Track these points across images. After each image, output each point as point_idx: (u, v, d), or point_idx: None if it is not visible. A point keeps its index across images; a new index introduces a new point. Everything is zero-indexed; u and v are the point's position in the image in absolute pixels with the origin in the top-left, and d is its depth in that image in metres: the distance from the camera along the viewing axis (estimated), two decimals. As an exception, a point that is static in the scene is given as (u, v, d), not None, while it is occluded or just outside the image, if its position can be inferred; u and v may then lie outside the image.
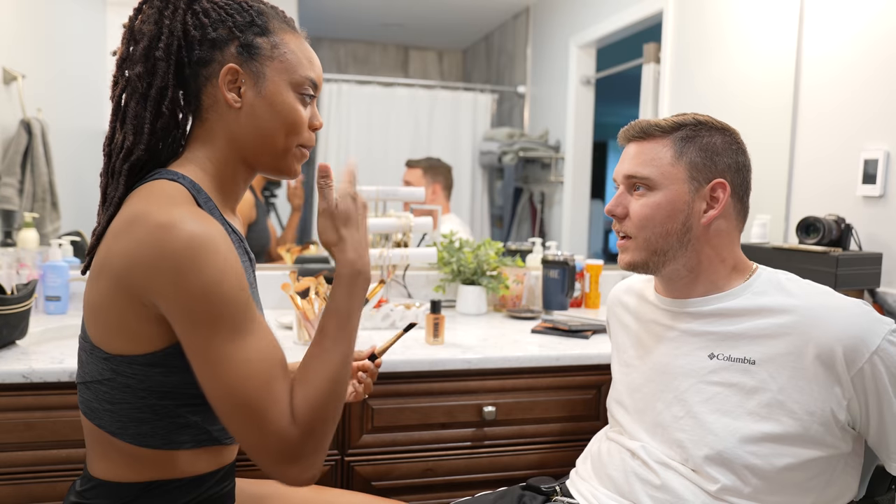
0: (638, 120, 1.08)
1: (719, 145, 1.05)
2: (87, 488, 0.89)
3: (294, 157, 0.93)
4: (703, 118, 1.06)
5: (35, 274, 1.72)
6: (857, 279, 1.68)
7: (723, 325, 1.04)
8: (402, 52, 3.32)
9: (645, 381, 1.10)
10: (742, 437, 0.97)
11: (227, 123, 0.89)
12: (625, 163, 1.08)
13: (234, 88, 0.88)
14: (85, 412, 0.89)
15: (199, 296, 0.76)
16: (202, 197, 0.88)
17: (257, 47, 0.88)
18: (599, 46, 2.90)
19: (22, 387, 1.25)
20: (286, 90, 0.89)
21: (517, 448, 1.51)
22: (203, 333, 0.78)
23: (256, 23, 0.89)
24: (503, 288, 1.98)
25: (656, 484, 1.03)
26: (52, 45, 2.08)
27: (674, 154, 1.04)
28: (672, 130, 1.04)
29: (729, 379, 1.00)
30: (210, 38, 0.87)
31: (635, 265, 1.08)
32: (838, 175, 1.87)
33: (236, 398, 0.78)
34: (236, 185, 0.94)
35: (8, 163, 1.83)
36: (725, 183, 1.03)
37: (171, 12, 0.87)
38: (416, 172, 2.71)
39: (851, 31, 1.83)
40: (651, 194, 1.04)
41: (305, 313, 1.54)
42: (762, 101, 2.09)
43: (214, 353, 0.78)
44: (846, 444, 0.99)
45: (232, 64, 0.87)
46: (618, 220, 1.08)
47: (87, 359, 0.87)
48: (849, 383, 0.95)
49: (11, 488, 1.25)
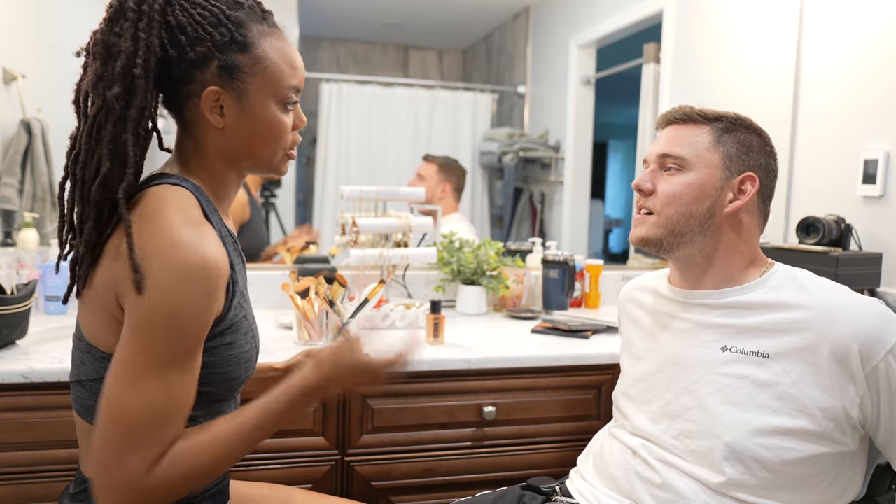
0: (681, 105, 1.10)
1: (755, 144, 1.07)
2: (79, 490, 0.89)
3: (282, 160, 0.94)
4: (743, 117, 1.09)
5: (35, 274, 1.72)
6: (857, 279, 1.68)
7: (737, 317, 1.04)
8: (402, 52, 3.32)
9: (654, 371, 1.11)
10: (752, 430, 0.97)
11: (213, 139, 0.89)
12: (660, 143, 1.09)
13: (216, 108, 0.87)
14: (79, 411, 0.89)
15: (161, 315, 0.76)
16: (205, 199, 0.88)
17: (238, 66, 0.85)
18: (599, 46, 2.90)
19: (22, 387, 1.25)
20: (269, 105, 0.89)
21: (517, 448, 1.51)
22: (140, 346, 0.77)
23: (236, 39, 0.85)
24: (503, 288, 1.98)
25: (657, 482, 1.03)
26: (52, 45, 2.08)
27: (712, 140, 1.06)
28: (714, 120, 1.07)
29: (741, 371, 1.00)
30: (189, 59, 0.84)
31: (648, 241, 1.07)
32: (838, 175, 1.87)
33: (122, 417, 0.76)
34: (228, 187, 0.94)
35: (8, 163, 1.83)
36: (755, 177, 1.05)
37: (146, 25, 0.82)
38: (432, 167, 2.71)
39: (851, 32, 1.83)
40: (682, 174, 1.05)
41: (305, 313, 1.54)
42: (762, 101, 2.09)
43: (137, 368, 0.77)
44: (854, 443, 0.99)
45: (213, 87, 0.85)
46: (644, 195, 1.09)
47: (82, 357, 0.88)
48: (863, 381, 0.95)
49: (11, 488, 1.25)
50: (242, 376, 0.92)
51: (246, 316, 0.92)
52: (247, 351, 0.91)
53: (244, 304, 0.92)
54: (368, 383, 0.94)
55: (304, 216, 3.00)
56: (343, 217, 1.86)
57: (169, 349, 0.78)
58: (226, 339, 0.87)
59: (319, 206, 2.96)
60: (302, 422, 1.39)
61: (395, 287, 2.03)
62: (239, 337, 0.89)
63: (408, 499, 1.45)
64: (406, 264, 1.93)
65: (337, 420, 1.42)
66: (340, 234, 1.88)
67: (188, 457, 0.80)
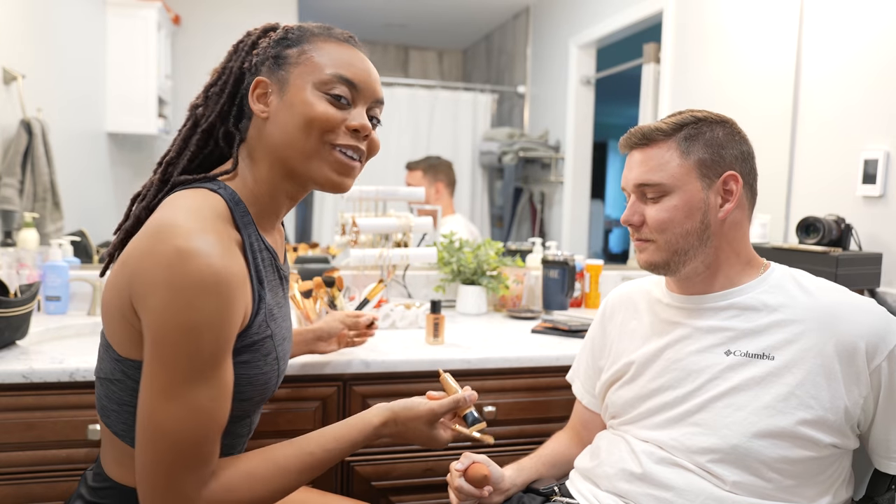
0: (638, 126, 1.08)
1: (722, 138, 1.05)
2: (100, 486, 0.89)
3: (324, 160, 0.89)
4: (700, 114, 1.06)
5: (35, 274, 1.72)
6: (857, 279, 1.68)
7: (739, 320, 1.03)
8: (402, 52, 3.32)
9: (655, 377, 1.09)
10: (757, 432, 0.96)
11: (261, 134, 0.90)
12: (633, 170, 1.07)
13: (262, 99, 0.89)
14: (98, 408, 0.89)
15: (176, 329, 0.75)
16: (239, 210, 0.87)
17: (284, 57, 0.89)
18: (599, 46, 2.90)
19: (22, 387, 1.25)
20: (308, 90, 0.87)
21: (517, 448, 1.51)
22: (161, 363, 0.76)
23: (288, 38, 0.90)
24: (503, 288, 1.98)
25: (659, 485, 1.02)
26: (52, 45, 2.08)
27: (680, 155, 1.03)
28: (674, 132, 1.04)
29: (745, 374, 1.00)
30: (254, 66, 0.90)
31: (655, 265, 1.07)
32: (838, 175, 1.87)
33: (159, 438, 0.76)
34: (278, 199, 0.92)
35: (8, 163, 1.83)
36: (737, 175, 1.04)
37: (237, 55, 0.92)
38: (417, 175, 2.71)
39: (851, 32, 1.84)
40: (666, 199, 1.03)
41: (307, 313, 1.54)
42: (762, 101, 2.09)
43: (162, 385, 0.76)
44: (855, 442, 1.00)
45: (260, 77, 0.89)
46: (635, 228, 1.08)
47: (103, 354, 0.87)
48: (867, 380, 0.96)
49: (11, 488, 1.25)
50: (256, 398, 0.91)
51: (272, 336, 0.89)
52: (265, 373, 0.89)
53: (271, 323, 0.89)
54: (428, 448, 1.01)
55: (304, 216, 3.00)
56: (343, 217, 1.86)
57: (189, 364, 0.76)
58: (241, 356, 0.85)
59: (319, 205, 2.96)
60: (302, 422, 1.39)
61: (395, 287, 2.03)
62: (258, 357, 0.87)
63: (408, 499, 1.45)
64: (406, 264, 1.93)
65: (337, 420, 1.41)
66: (340, 234, 1.88)
67: (244, 485, 0.82)
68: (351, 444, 0.91)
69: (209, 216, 0.82)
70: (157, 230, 0.78)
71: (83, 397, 1.27)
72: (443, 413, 0.99)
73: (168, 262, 0.75)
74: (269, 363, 0.89)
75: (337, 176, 0.90)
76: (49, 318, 1.69)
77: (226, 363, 0.80)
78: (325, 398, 1.40)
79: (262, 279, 0.87)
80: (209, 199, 0.85)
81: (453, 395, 1.01)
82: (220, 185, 0.88)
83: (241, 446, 0.97)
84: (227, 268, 0.77)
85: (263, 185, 0.90)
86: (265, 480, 0.83)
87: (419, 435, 0.98)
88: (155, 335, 0.76)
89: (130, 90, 2.31)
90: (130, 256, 0.80)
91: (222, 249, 0.78)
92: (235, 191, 0.89)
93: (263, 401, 0.94)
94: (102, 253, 0.86)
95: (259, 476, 0.83)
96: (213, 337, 0.77)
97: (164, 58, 2.38)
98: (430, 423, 0.98)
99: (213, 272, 0.76)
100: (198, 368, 0.77)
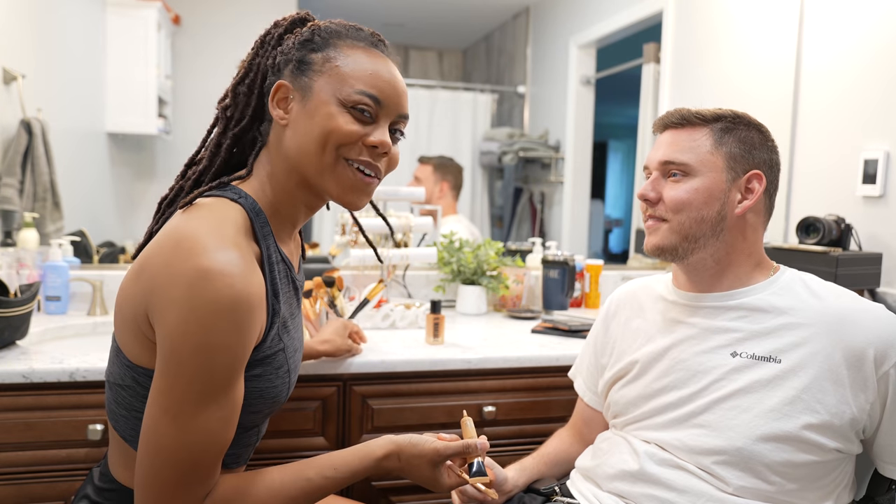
0: (676, 108, 1.08)
1: (757, 140, 1.06)
2: (106, 488, 0.89)
3: (338, 175, 0.86)
4: (741, 113, 1.07)
5: (35, 274, 1.72)
6: (857, 279, 1.68)
7: (747, 321, 1.03)
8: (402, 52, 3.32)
9: (659, 377, 1.08)
10: (762, 435, 0.96)
11: (280, 141, 0.87)
12: (661, 149, 1.07)
13: (283, 104, 0.87)
14: (107, 411, 0.89)
15: (192, 349, 0.74)
16: (260, 221, 0.86)
17: (308, 62, 0.86)
18: (599, 46, 2.90)
19: (22, 387, 1.25)
20: (330, 101, 0.84)
21: (517, 448, 1.51)
22: (172, 380, 0.75)
23: (314, 40, 0.87)
24: (503, 288, 1.98)
25: (661, 485, 1.02)
26: (52, 45, 2.08)
27: (713, 143, 1.04)
28: (712, 121, 1.05)
29: (751, 376, 0.99)
30: (276, 65, 0.88)
31: (663, 249, 1.06)
32: (838, 175, 1.87)
33: (160, 455, 0.76)
34: (295, 209, 0.91)
35: (8, 163, 1.83)
36: (762, 175, 1.04)
37: (264, 49, 0.90)
38: (427, 169, 2.71)
39: (851, 31, 1.83)
40: (688, 180, 1.03)
41: (307, 313, 1.54)
42: (762, 102, 2.09)
43: (170, 402, 0.75)
44: (858, 447, 0.99)
45: (281, 81, 0.86)
46: (650, 204, 1.07)
47: (114, 358, 0.86)
48: (874, 386, 0.95)
49: (11, 488, 1.25)
50: (266, 411, 0.90)
51: (284, 349, 0.88)
52: (276, 386, 0.88)
53: (284, 336, 0.89)
54: (429, 490, 0.97)
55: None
56: (343, 217, 1.86)
57: (200, 385, 0.75)
58: (254, 370, 0.84)
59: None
60: (302, 422, 1.39)
61: (395, 287, 2.03)
62: (269, 371, 0.86)
63: (408, 499, 1.45)
64: (406, 264, 1.93)
65: (337, 420, 1.42)
66: (340, 234, 1.88)
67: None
68: (351, 474, 0.89)
69: (230, 232, 0.80)
70: (177, 243, 0.76)
71: (83, 397, 1.27)
72: (448, 456, 0.93)
73: (188, 281, 0.73)
74: (280, 376, 0.88)
75: (351, 194, 0.88)
76: (49, 318, 1.69)
77: (238, 384, 0.79)
78: (325, 398, 1.40)
79: (278, 291, 0.86)
80: (231, 211, 0.83)
81: (463, 441, 0.95)
82: (240, 195, 0.86)
83: (248, 455, 0.97)
84: (247, 288, 0.76)
85: (281, 194, 0.88)
86: (259, 503, 0.82)
87: (421, 474, 0.93)
88: (169, 352, 0.75)
89: (130, 90, 2.31)
90: (148, 265, 0.78)
91: (244, 268, 0.77)
92: (256, 200, 0.87)
93: (273, 411, 0.94)
94: (131, 254, 0.86)
95: (253, 498, 0.82)
96: (229, 359, 0.76)
97: (164, 58, 2.38)
98: (434, 465, 0.93)
99: (233, 294, 0.74)
100: (208, 390, 0.76)
